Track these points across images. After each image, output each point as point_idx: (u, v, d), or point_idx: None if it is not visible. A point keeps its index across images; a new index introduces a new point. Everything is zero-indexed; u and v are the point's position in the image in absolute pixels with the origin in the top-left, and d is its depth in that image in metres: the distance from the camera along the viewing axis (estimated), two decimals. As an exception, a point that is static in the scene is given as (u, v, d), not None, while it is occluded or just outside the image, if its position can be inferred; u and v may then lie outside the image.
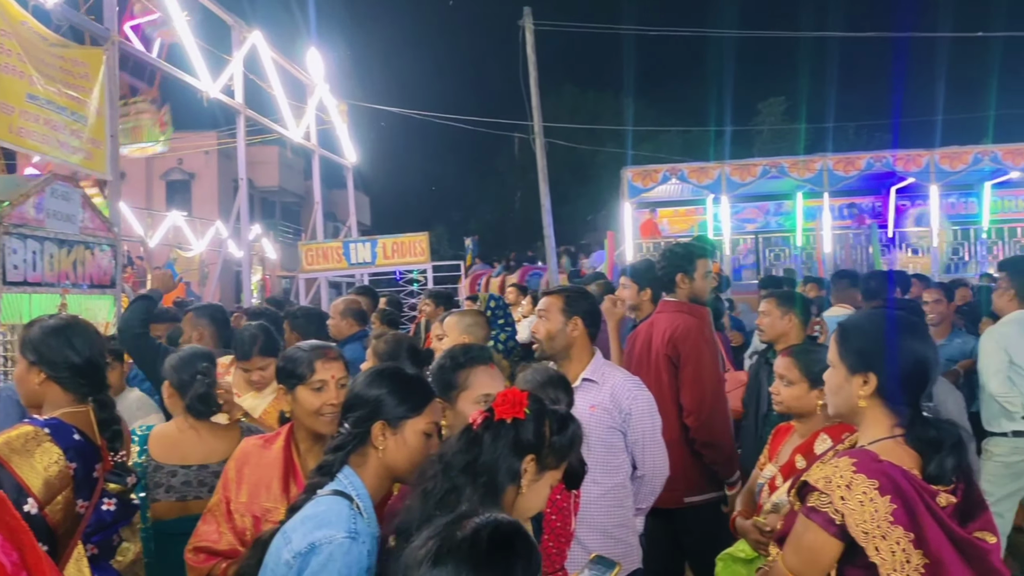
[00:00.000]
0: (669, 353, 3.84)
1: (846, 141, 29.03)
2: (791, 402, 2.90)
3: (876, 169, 16.39)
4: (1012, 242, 17.60)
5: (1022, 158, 15.68)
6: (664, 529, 3.87)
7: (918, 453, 2.01)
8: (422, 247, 11.63)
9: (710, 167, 17.02)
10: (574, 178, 35.41)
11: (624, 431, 3.17)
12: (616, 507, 3.12)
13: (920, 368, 2.06)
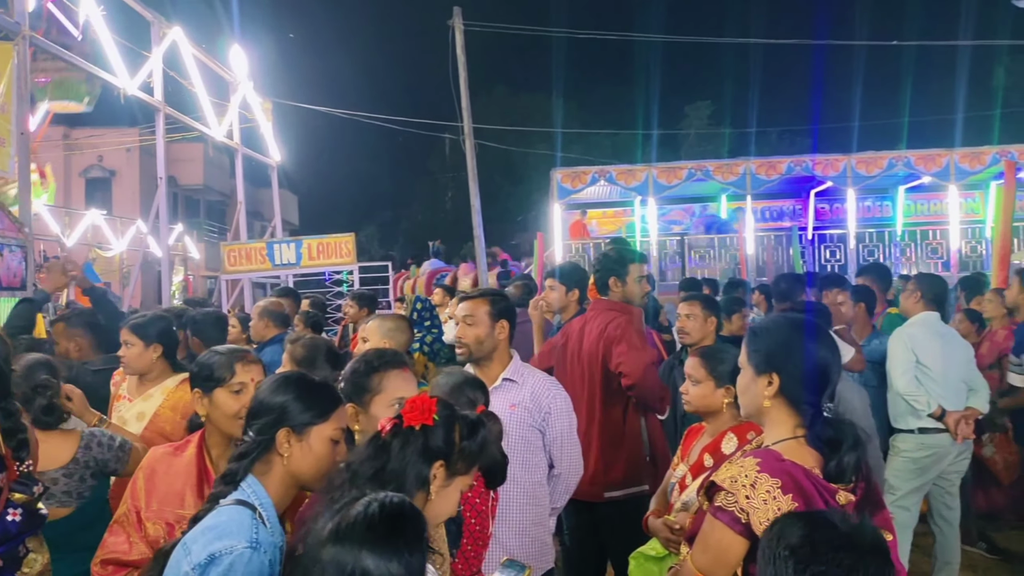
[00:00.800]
0: (603, 352, 3.89)
1: (768, 145, 29.78)
2: (698, 401, 2.96)
3: (796, 173, 16.86)
4: (924, 244, 18.29)
5: (933, 163, 16.30)
6: (587, 524, 3.93)
7: (819, 452, 2.07)
8: (348, 248, 11.50)
9: (638, 169, 17.27)
10: (505, 179, 35.51)
11: (543, 430, 3.23)
12: (534, 505, 3.17)
13: (821, 370, 2.12)
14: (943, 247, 17.66)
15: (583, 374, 3.96)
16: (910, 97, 24.28)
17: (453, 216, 33.72)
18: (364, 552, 1.50)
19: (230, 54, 13.51)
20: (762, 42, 19.05)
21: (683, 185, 17.05)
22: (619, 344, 3.86)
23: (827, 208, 19.17)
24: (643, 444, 3.93)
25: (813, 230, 19.01)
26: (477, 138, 26.26)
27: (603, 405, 3.90)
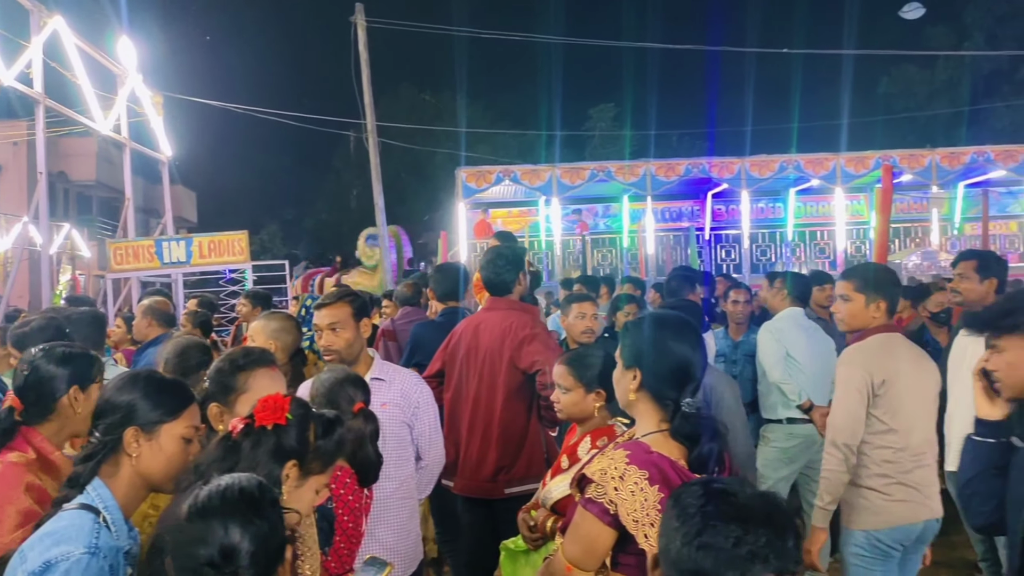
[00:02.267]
0: (511, 350, 3.89)
1: (670, 148, 30.53)
2: (570, 408, 2.92)
3: (694, 175, 17.33)
4: (812, 244, 19.07)
5: (821, 167, 17.00)
6: (484, 520, 3.94)
7: (683, 445, 2.13)
8: (241, 246, 11.23)
9: (542, 169, 17.43)
10: (412, 177, 35.28)
11: (412, 424, 3.27)
12: (407, 499, 3.21)
13: (681, 366, 2.18)
14: (830, 247, 18.46)
15: (480, 372, 3.95)
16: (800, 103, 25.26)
17: (358, 215, 33.26)
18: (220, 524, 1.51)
19: (118, 46, 13.02)
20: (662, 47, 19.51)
21: (586, 185, 17.30)
22: (532, 343, 3.86)
23: (723, 209, 19.73)
24: (542, 442, 3.96)
25: (710, 230, 19.57)
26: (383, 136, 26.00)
27: (505, 403, 3.89)
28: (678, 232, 19.49)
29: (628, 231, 18.68)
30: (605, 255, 19.37)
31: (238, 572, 1.50)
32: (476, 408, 3.86)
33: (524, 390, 3.88)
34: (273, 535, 1.57)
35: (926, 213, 19.08)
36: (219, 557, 1.49)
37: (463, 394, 4.01)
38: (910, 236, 19.32)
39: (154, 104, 14.07)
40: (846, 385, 3.40)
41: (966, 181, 17.72)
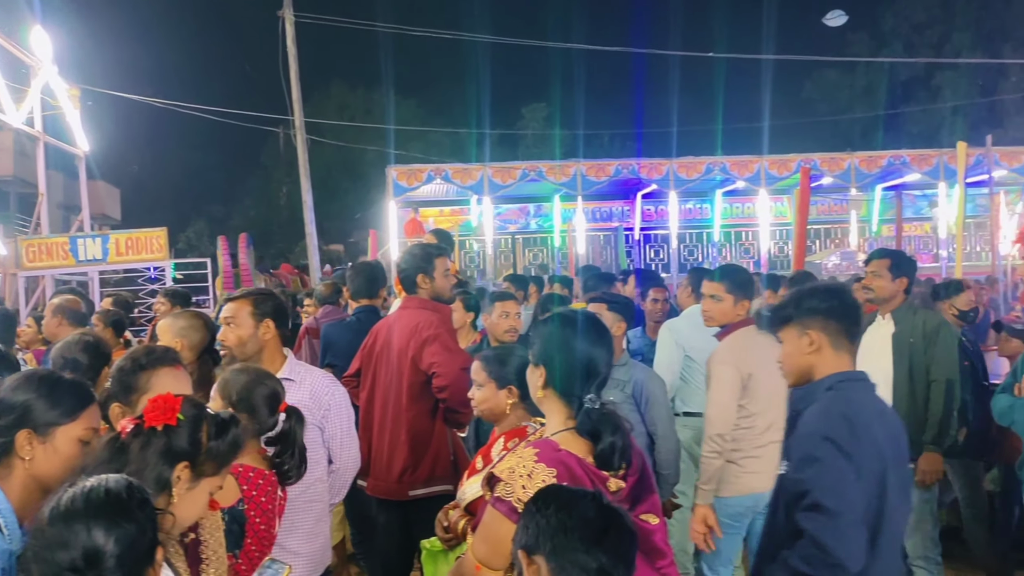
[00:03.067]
0: (414, 351, 3.86)
1: (601, 148, 30.82)
2: (482, 404, 2.90)
3: (624, 175, 17.51)
4: (738, 245, 19.49)
5: (746, 169, 17.36)
6: (397, 521, 3.91)
7: (590, 441, 2.14)
8: (160, 243, 10.93)
9: (473, 168, 17.42)
10: (343, 175, 34.87)
11: (322, 427, 3.20)
12: (315, 503, 3.13)
13: (584, 363, 2.19)
14: (755, 247, 18.90)
15: (391, 373, 3.92)
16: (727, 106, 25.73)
17: (288, 212, 32.75)
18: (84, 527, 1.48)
19: (32, 36, 12.55)
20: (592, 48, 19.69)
21: (518, 185, 17.34)
22: (432, 344, 3.84)
23: (653, 210, 20.00)
24: (448, 444, 3.94)
25: (640, 230, 19.83)
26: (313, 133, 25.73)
27: (410, 404, 3.86)
28: (608, 232, 19.69)
29: (560, 230, 18.79)
30: (536, 254, 19.47)
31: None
32: (385, 409, 3.82)
33: (429, 391, 3.86)
34: (141, 537, 1.53)
35: (845, 215, 19.68)
36: (82, 561, 1.46)
37: (376, 394, 3.98)
38: (830, 237, 19.91)
39: (70, 97, 13.59)
40: (719, 382, 3.77)
41: (883, 184, 18.31)
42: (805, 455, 2.39)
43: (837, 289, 2.74)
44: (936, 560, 4.32)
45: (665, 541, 2.21)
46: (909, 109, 30.78)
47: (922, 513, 4.30)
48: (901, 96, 31.77)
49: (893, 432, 2.51)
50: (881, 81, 32.48)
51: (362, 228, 31.15)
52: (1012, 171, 16.85)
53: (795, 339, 2.56)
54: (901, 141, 25.62)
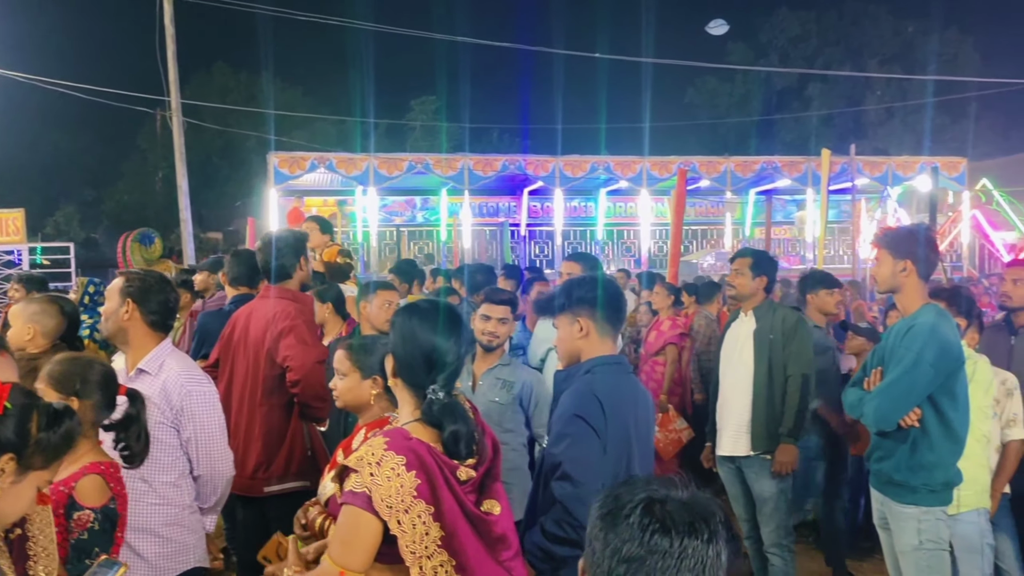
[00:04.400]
0: (270, 342, 3.74)
1: (491, 144, 30.94)
2: (345, 395, 2.83)
3: (510, 171, 17.63)
4: (620, 243, 19.94)
5: (629, 169, 17.77)
6: (255, 518, 3.78)
7: (435, 430, 2.13)
8: (16, 225, 10.31)
9: (358, 158, 17.15)
10: (224, 162, 33.73)
11: (177, 428, 2.99)
12: (165, 506, 2.92)
13: (428, 353, 2.18)
14: (636, 246, 19.37)
15: (248, 365, 3.79)
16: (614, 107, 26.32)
17: (164, 198, 31.34)
18: None
19: None
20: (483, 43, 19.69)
21: (404, 177, 17.20)
22: (287, 336, 3.73)
23: (539, 206, 20.23)
24: (305, 440, 3.84)
25: (526, 226, 20.02)
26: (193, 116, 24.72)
27: (265, 397, 3.75)
28: (495, 227, 19.79)
29: (446, 224, 18.75)
30: (422, 247, 19.37)
31: None
32: (241, 402, 3.68)
33: (284, 384, 3.75)
34: None
35: (721, 217, 20.44)
36: None
37: (233, 386, 3.83)
38: (706, 238, 20.65)
39: (-82, 67, 12.62)
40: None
41: (757, 188, 19.09)
42: (560, 431, 2.64)
43: (604, 281, 2.90)
44: (789, 547, 4.51)
45: (512, 531, 2.21)
46: (782, 116, 32.23)
47: (777, 502, 4.48)
48: (776, 105, 33.26)
49: (643, 411, 2.81)
50: (758, 90, 33.93)
51: (243, 216, 30.18)
52: (873, 179, 17.88)
53: (567, 326, 2.80)
54: (774, 148, 26.76)
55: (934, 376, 3.34)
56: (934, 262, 3.64)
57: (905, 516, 3.49)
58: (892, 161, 18.54)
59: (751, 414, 4.52)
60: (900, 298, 3.60)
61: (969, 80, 24.36)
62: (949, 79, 25.17)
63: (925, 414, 3.41)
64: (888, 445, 3.54)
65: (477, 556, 2.05)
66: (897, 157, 19.50)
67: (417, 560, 1.98)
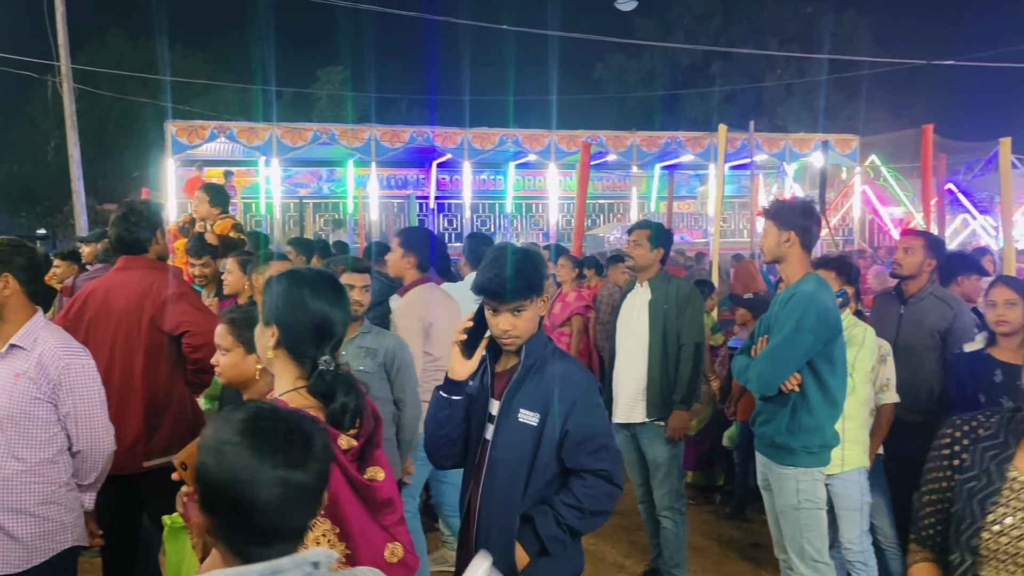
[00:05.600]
0: (152, 313, 3.62)
1: (399, 115, 30.55)
2: (228, 371, 2.77)
3: (418, 143, 17.46)
4: (529, 216, 20.05)
5: (537, 143, 17.82)
6: (127, 497, 3.63)
7: (320, 402, 2.10)
8: None
9: (260, 128, 16.71)
10: (120, 131, 32.30)
11: (55, 403, 2.89)
12: (42, 483, 2.82)
13: (318, 323, 2.14)
14: (544, 219, 19.51)
15: (115, 337, 3.64)
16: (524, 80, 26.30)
17: (57, 168, 29.84)
18: None
19: None
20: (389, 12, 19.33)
21: (309, 148, 16.85)
22: (179, 303, 3.65)
23: (448, 179, 20.13)
24: (188, 410, 3.76)
25: (435, 199, 19.89)
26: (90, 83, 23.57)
27: (148, 368, 3.64)
28: (402, 199, 19.62)
29: (352, 196, 18.47)
30: (328, 220, 19.05)
31: None
32: (110, 376, 3.53)
33: (168, 354, 3.67)
34: None
35: (627, 191, 20.74)
36: None
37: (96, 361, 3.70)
38: (613, 212, 20.93)
39: None
40: (407, 333, 4.26)
41: (662, 163, 19.43)
42: (595, 401, 2.63)
43: None
44: (680, 510, 4.67)
45: (396, 496, 2.22)
46: (687, 92, 32.85)
47: (670, 467, 4.63)
48: (681, 82, 33.84)
49: None
50: (664, 66, 34.45)
51: (140, 187, 29.05)
52: (772, 155, 18.42)
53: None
54: (679, 123, 27.27)
55: (813, 342, 3.49)
56: (816, 234, 3.78)
57: (785, 477, 3.65)
58: (789, 138, 19.14)
59: (646, 382, 4.64)
60: (784, 268, 3.74)
61: (863, 60, 25.27)
62: (844, 59, 26.04)
63: (805, 379, 3.55)
64: (770, 409, 3.68)
65: (360, 522, 2.04)
66: (794, 134, 20.13)
67: None
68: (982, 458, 1.91)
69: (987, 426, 1.96)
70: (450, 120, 20.76)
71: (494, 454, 2.58)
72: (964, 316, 4.37)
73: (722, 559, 5.31)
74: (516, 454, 2.56)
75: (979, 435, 1.95)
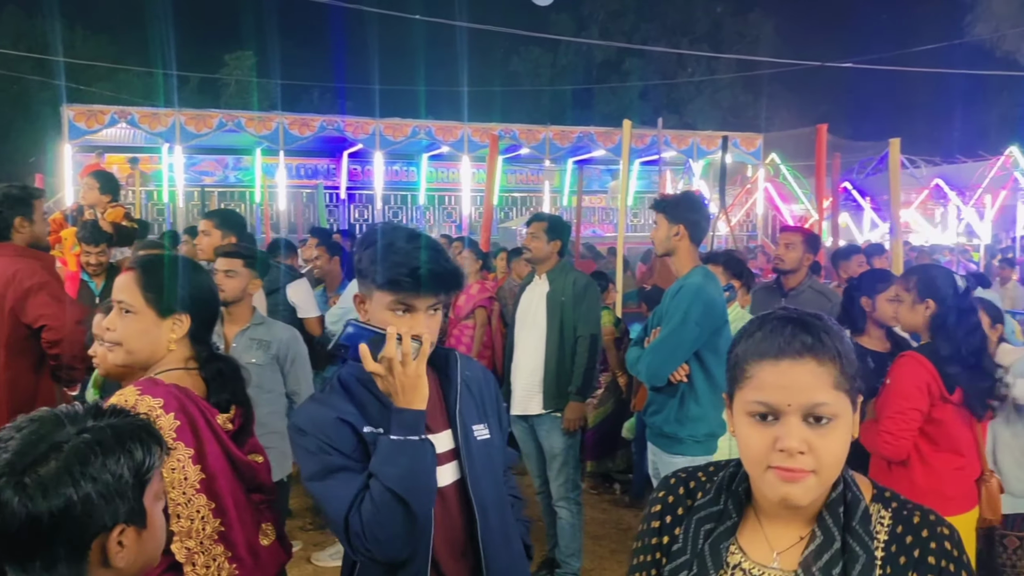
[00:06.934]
0: (12, 303, 3.46)
1: (311, 104, 29.98)
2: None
3: (329, 132, 17.18)
4: (442, 208, 19.98)
5: (451, 135, 17.76)
6: None
7: (206, 383, 2.10)
8: None
9: (163, 114, 16.19)
10: (17, 113, 30.84)
11: None
12: None
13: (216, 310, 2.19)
14: (457, 212, 19.48)
15: None
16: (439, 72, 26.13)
17: (-54, 151, 28.44)
18: None
19: None
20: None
21: (215, 135, 16.40)
22: (38, 295, 3.49)
23: (359, 169, 19.88)
24: (56, 403, 3.61)
25: (346, 190, 19.62)
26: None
27: (9, 361, 3.49)
28: (312, 189, 19.29)
29: (260, 185, 18.07)
30: (235, 209, 18.56)
31: None
32: None
33: (32, 345, 3.53)
34: None
35: (540, 184, 20.90)
36: None
37: None
38: (526, 205, 21.05)
39: None
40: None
41: (574, 158, 19.62)
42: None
43: None
44: (576, 500, 4.71)
45: (272, 482, 2.21)
46: (600, 87, 33.26)
47: (566, 457, 4.67)
48: (596, 77, 34.26)
49: None
50: (579, 62, 34.79)
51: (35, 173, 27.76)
52: (680, 152, 18.81)
53: None
54: (593, 118, 27.56)
55: (699, 333, 3.57)
56: (705, 228, 3.87)
57: (673, 466, 3.71)
58: (697, 135, 19.57)
59: (543, 374, 4.67)
60: (674, 261, 3.81)
61: (765, 60, 26.04)
62: (749, 59, 26.78)
63: (692, 370, 3.64)
64: (660, 399, 3.76)
65: (237, 498, 2.03)
66: (702, 132, 20.60)
67: (175, 507, 1.92)
68: (696, 534, 1.37)
69: (706, 488, 1.43)
70: (362, 110, 20.49)
71: (478, 491, 1.99)
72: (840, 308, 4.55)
73: (619, 546, 5.40)
74: (493, 478, 2.08)
75: (696, 500, 1.41)
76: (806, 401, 1.23)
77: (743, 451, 1.31)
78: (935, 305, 3.22)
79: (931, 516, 1.32)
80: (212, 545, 1.96)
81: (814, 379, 1.24)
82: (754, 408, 1.26)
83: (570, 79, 34.13)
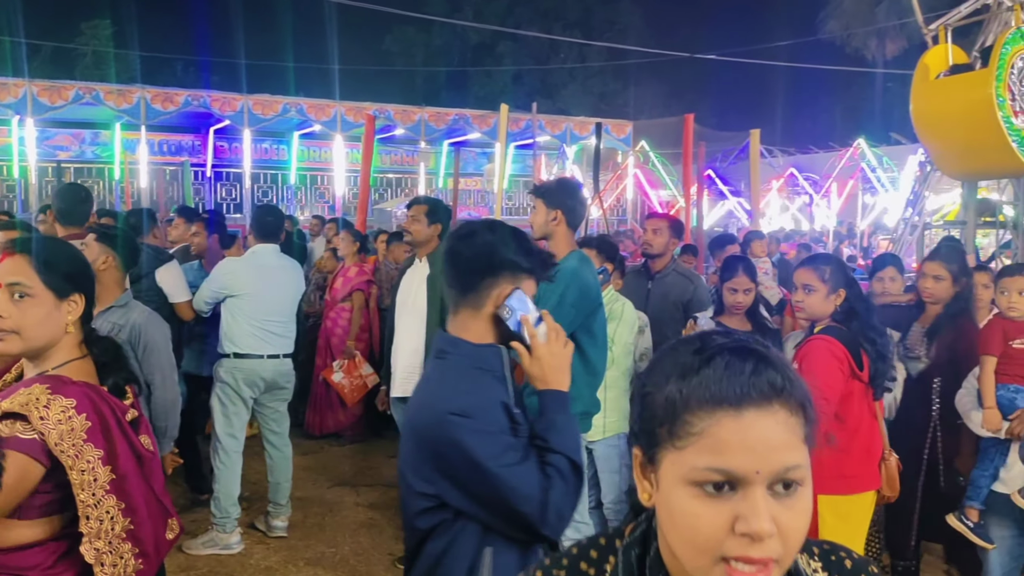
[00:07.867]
0: None
1: (175, 77, 28.68)
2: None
3: (194, 108, 16.49)
4: (314, 188, 19.60)
5: (323, 113, 17.38)
6: None
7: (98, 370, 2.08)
8: None
9: (12, 84, 15.10)
10: None
11: None
12: None
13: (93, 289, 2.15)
14: (330, 192, 19.16)
15: None
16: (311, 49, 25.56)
17: None
18: None
19: None
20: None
21: (70, 108, 15.45)
22: None
23: (227, 146, 19.21)
24: None
25: (212, 168, 18.93)
26: None
27: None
28: (177, 167, 18.52)
29: (120, 162, 17.19)
30: (92, 186, 17.61)
31: None
32: None
33: None
34: None
35: (415, 166, 20.80)
36: None
37: None
38: (401, 187, 20.93)
39: None
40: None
41: (450, 140, 19.63)
42: None
43: None
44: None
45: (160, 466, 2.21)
46: (475, 70, 33.35)
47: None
48: (471, 59, 34.31)
49: None
50: (453, 43, 34.71)
51: None
52: (554, 136, 19.13)
53: None
54: (467, 101, 27.66)
55: (575, 316, 3.72)
56: (581, 213, 4.02)
57: (549, 442, 3.88)
58: (570, 121, 19.93)
59: (423, 355, 4.73)
60: (551, 245, 3.93)
61: (634, 49, 26.79)
62: (618, 47, 27.47)
63: (567, 351, 3.79)
64: (537, 380, 3.90)
65: (144, 495, 2.04)
66: (575, 117, 21.00)
67: (85, 509, 1.91)
68: None
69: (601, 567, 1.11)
70: (229, 85, 19.77)
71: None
72: (702, 289, 4.88)
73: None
74: None
75: None
76: (779, 465, 0.92)
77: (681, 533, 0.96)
78: (845, 293, 3.48)
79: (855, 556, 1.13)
80: (120, 544, 1.97)
81: (786, 434, 0.93)
82: (705, 476, 0.92)
83: (444, 61, 34.05)
